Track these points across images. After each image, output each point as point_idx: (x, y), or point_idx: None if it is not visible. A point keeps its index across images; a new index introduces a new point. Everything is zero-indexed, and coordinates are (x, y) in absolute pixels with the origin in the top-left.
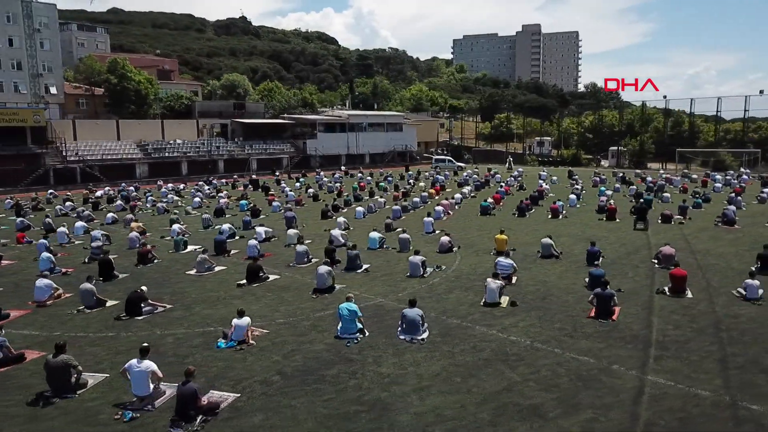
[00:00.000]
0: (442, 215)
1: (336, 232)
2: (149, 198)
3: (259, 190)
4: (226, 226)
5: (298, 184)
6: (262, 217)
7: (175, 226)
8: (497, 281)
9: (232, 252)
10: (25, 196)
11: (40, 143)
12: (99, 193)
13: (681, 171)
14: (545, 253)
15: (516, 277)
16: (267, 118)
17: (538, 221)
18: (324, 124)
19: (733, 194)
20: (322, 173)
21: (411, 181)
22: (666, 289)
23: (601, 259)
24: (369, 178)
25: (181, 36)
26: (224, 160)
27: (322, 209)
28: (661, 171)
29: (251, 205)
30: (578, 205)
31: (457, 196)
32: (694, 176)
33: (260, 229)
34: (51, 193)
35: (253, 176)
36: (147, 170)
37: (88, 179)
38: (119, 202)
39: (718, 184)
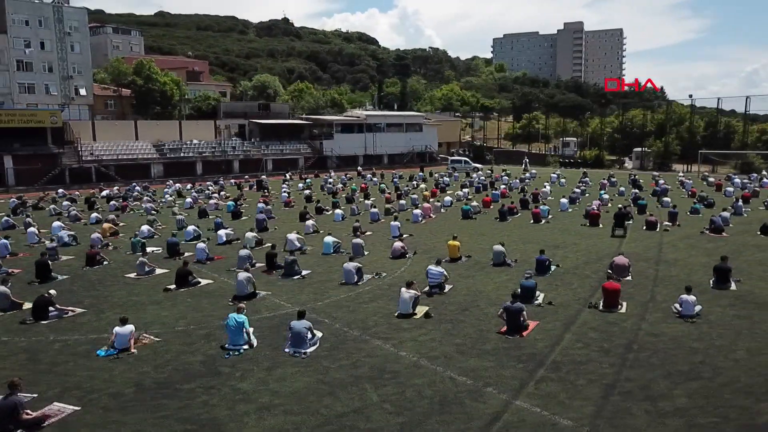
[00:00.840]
0: (420, 218)
1: (292, 236)
2: (145, 198)
3: (264, 190)
4: (191, 228)
5: (301, 185)
6: (244, 218)
7: (144, 228)
8: (410, 291)
9: (186, 254)
10: (34, 195)
11: (59, 143)
12: (105, 192)
13: (702, 174)
14: (497, 261)
15: (450, 286)
16: (293, 118)
17: (518, 226)
18: (341, 125)
19: (736, 200)
20: (332, 174)
21: (415, 182)
22: (599, 303)
23: (553, 267)
24: (375, 179)
25: (222, 38)
26: (239, 161)
27: (300, 212)
28: (680, 174)
29: (240, 206)
30: (570, 210)
31: (447, 199)
32: (711, 179)
33: (221, 232)
34: (61, 193)
35: (262, 177)
36: (162, 170)
37: (102, 179)
38: (113, 202)
39: (730, 188)
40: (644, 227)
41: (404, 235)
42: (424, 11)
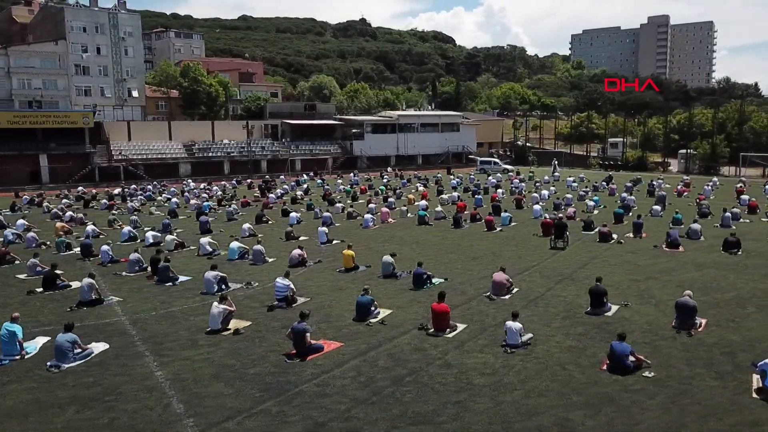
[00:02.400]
0: (370, 224)
1: (204, 240)
2: (140, 197)
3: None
4: (126, 229)
5: (305, 185)
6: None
7: (89, 228)
8: (221, 306)
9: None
10: (50, 193)
11: (94, 143)
12: (116, 191)
13: (740, 178)
14: (385, 272)
15: (306, 299)
16: (329, 119)
17: (465, 235)
18: (372, 125)
19: (727, 213)
20: (351, 174)
21: (420, 184)
22: (429, 324)
23: (436, 281)
24: (386, 179)
25: (297, 39)
26: (267, 161)
27: (257, 214)
28: (715, 178)
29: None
30: (545, 216)
31: (422, 203)
32: (739, 185)
33: (149, 234)
34: (80, 190)
35: (267, 177)
36: (189, 169)
37: (130, 177)
38: (104, 200)
39: (745, 197)
40: (597, 239)
41: (334, 241)
42: (511, 8)
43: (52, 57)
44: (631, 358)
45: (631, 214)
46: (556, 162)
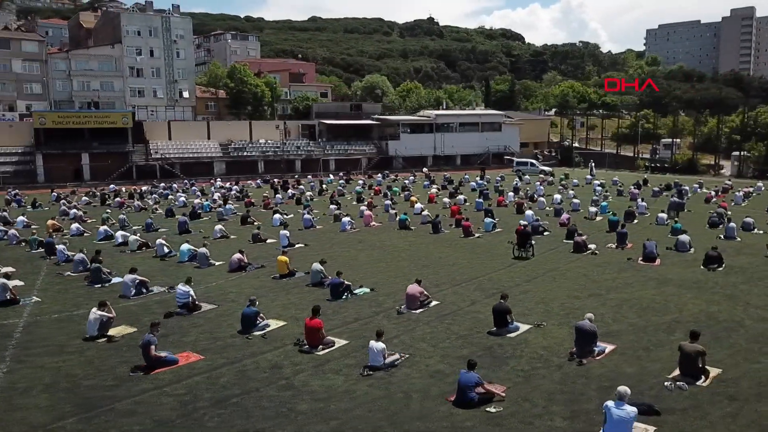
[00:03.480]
0: (348, 227)
1: (160, 241)
2: (154, 196)
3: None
4: (102, 229)
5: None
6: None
7: (73, 226)
8: (98, 312)
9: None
10: (83, 190)
11: (136, 142)
12: (144, 188)
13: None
14: (314, 280)
15: (213, 306)
16: (367, 119)
17: (441, 240)
18: (408, 125)
19: (731, 224)
20: (379, 175)
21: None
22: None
23: (354, 293)
24: (407, 180)
25: (363, 39)
26: (301, 160)
27: (242, 215)
28: (759, 183)
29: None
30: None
31: (418, 206)
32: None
33: (118, 234)
34: (112, 188)
35: (287, 177)
36: (224, 168)
37: (166, 175)
38: (117, 199)
39: None
40: (571, 249)
41: (296, 245)
42: (590, 4)
43: (109, 60)
44: (479, 390)
45: (636, 221)
46: (593, 164)
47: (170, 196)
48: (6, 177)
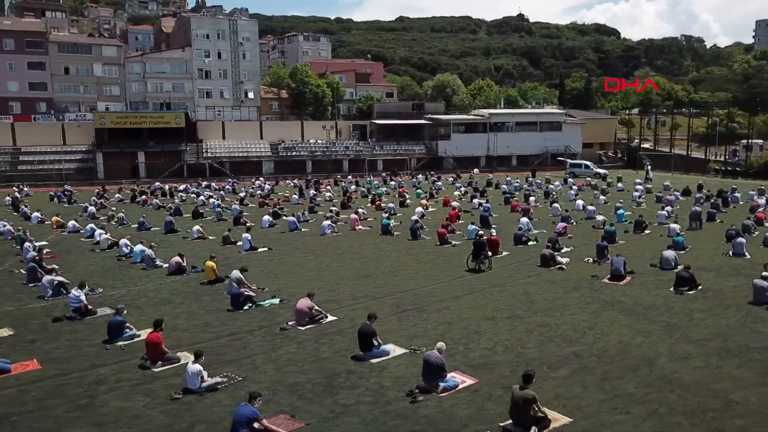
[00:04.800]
0: (327, 231)
1: (123, 241)
2: (179, 195)
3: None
4: (89, 226)
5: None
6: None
7: (70, 223)
8: None
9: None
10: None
11: (191, 142)
12: (182, 186)
13: None
14: (229, 288)
15: (109, 311)
16: (421, 118)
17: (411, 248)
18: (460, 124)
19: (739, 239)
20: (420, 176)
21: (461, 187)
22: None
23: (259, 303)
24: (439, 182)
25: (449, 38)
26: (349, 160)
27: (235, 216)
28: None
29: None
30: (534, 231)
31: (418, 210)
32: None
33: (97, 233)
34: (157, 186)
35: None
36: (273, 167)
37: (216, 174)
38: (142, 197)
39: None
40: (538, 263)
41: (259, 249)
42: None
43: (180, 62)
44: (257, 426)
45: (648, 231)
46: (650, 166)
47: (200, 196)
48: (69, 174)
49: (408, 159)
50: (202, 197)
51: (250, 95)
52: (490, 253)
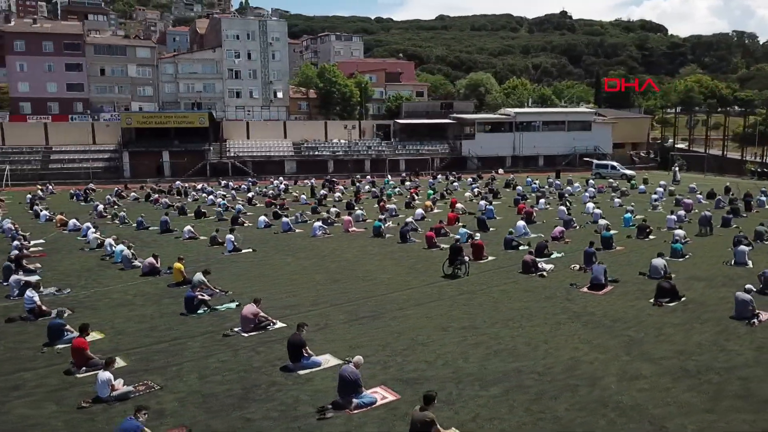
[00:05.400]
0: (318, 232)
1: (108, 240)
2: (192, 193)
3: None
4: (73, 222)
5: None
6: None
7: (71, 222)
8: None
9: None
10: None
11: (216, 141)
12: (200, 186)
13: None
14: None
15: (68, 312)
16: (445, 117)
17: (398, 251)
18: (484, 124)
19: (740, 247)
20: (439, 176)
21: (476, 188)
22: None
23: (206, 310)
24: (456, 183)
25: (488, 36)
26: (371, 160)
27: (233, 216)
28: None
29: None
30: (531, 235)
31: (419, 212)
32: None
33: (90, 232)
34: (177, 185)
35: (332, 178)
36: (295, 167)
37: (238, 173)
38: (155, 196)
39: None
40: (520, 269)
41: (243, 250)
42: None
43: (211, 63)
44: None
45: (653, 237)
46: (677, 168)
47: (210, 195)
48: (96, 172)
49: (430, 159)
50: (211, 197)
51: (279, 95)
52: (467, 259)
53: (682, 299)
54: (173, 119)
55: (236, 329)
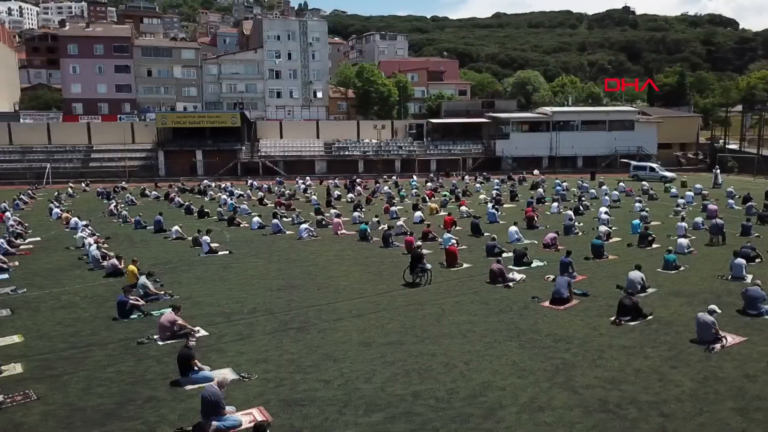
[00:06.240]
0: (304, 234)
1: (89, 240)
2: (209, 193)
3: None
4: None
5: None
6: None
7: (72, 220)
8: None
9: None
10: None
11: (250, 141)
12: (223, 185)
13: None
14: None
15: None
16: (481, 116)
17: (373, 256)
18: (520, 123)
19: (737, 260)
20: (466, 177)
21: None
22: None
23: (140, 315)
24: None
25: (544, 33)
26: (401, 160)
27: (229, 216)
28: None
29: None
30: (534, 241)
31: (418, 214)
32: None
33: (80, 231)
34: (206, 183)
35: (355, 178)
36: (325, 167)
37: (269, 173)
38: (171, 194)
39: None
40: (487, 279)
41: (219, 252)
42: None
43: (252, 64)
44: None
45: (656, 246)
46: (719, 170)
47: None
48: (133, 171)
49: (463, 159)
50: (224, 196)
51: (319, 95)
52: (429, 266)
53: (649, 317)
54: (206, 119)
55: (155, 336)
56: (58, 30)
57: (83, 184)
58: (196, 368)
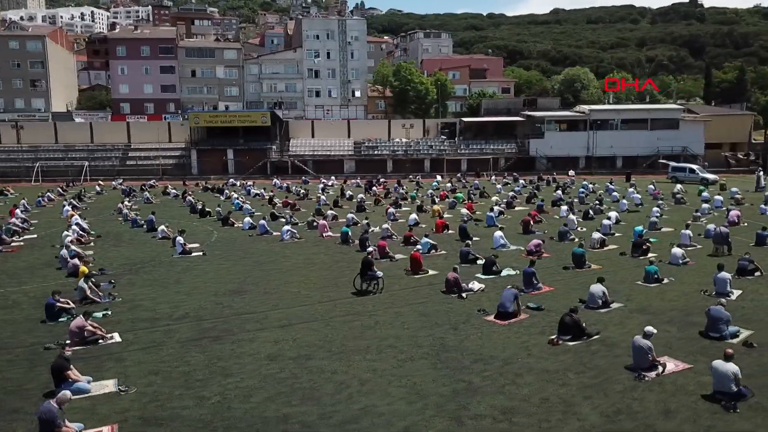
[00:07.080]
0: (286, 236)
1: (70, 239)
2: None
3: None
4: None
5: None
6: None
7: (74, 218)
8: None
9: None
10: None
11: (280, 140)
12: (230, 182)
13: None
14: (79, 296)
15: None
16: (515, 115)
17: (345, 260)
18: (556, 122)
19: (721, 273)
20: (493, 178)
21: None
22: None
23: (66, 317)
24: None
25: (603, 29)
26: (431, 160)
27: (224, 216)
28: None
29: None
30: (508, 245)
31: (412, 217)
32: None
33: (72, 229)
34: (230, 182)
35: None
36: (354, 166)
37: (297, 172)
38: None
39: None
40: (443, 289)
41: (194, 253)
42: None
43: (292, 63)
44: None
45: (651, 256)
46: (761, 172)
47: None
48: (167, 169)
49: (494, 159)
50: (234, 195)
51: (357, 94)
52: (380, 274)
53: (594, 337)
54: (237, 118)
55: (68, 342)
56: (108, 33)
57: (115, 182)
58: (70, 380)
